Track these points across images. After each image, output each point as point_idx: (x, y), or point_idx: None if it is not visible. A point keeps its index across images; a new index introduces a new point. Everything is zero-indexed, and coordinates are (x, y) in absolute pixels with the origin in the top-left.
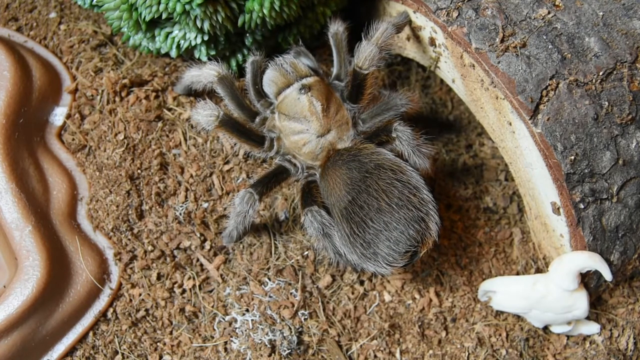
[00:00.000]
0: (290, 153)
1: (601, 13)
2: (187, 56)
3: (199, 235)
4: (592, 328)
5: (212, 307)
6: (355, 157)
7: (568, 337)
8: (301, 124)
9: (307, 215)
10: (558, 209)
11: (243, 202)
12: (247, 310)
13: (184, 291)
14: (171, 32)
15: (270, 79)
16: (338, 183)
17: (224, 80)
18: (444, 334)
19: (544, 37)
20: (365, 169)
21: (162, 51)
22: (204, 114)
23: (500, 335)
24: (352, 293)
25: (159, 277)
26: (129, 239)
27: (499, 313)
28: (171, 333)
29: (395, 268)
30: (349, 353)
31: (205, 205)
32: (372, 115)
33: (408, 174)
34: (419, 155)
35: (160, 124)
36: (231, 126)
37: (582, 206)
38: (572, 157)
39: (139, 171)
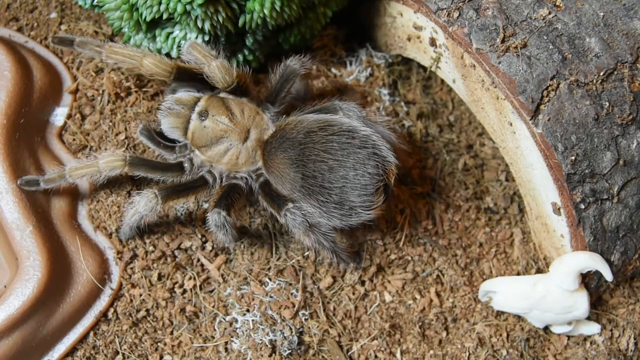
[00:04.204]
0: (231, 172)
1: (602, 13)
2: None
3: (200, 236)
4: (592, 328)
5: (213, 307)
6: (283, 138)
7: (569, 337)
8: (222, 143)
9: (287, 216)
10: (559, 209)
11: (218, 222)
12: (248, 311)
13: (184, 291)
14: (172, 33)
15: (170, 127)
16: (284, 170)
17: (134, 162)
18: (444, 334)
19: (545, 38)
20: (297, 142)
21: (163, 51)
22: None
23: (500, 335)
24: (353, 293)
25: (159, 277)
26: (130, 239)
27: (499, 313)
28: (172, 333)
29: (377, 209)
30: (349, 353)
31: (205, 205)
32: (276, 93)
33: (336, 123)
34: (371, 125)
35: None
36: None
37: (582, 206)
38: (573, 158)
39: None
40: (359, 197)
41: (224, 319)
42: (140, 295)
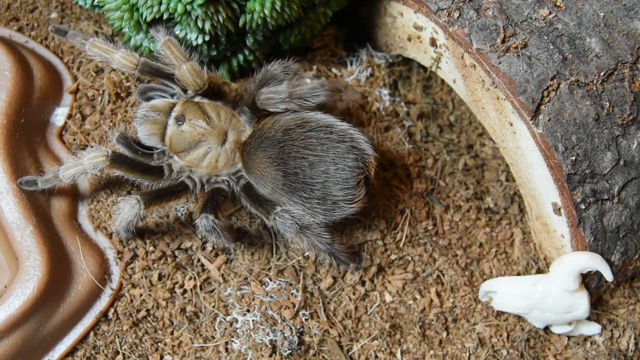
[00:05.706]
0: (211, 176)
1: (602, 14)
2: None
3: (200, 236)
4: (592, 328)
5: (213, 307)
6: (262, 138)
7: (569, 337)
8: (201, 147)
9: (276, 219)
10: (559, 209)
11: (208, 227)
12: (248, 311)
13: (185, 291)
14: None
15: (147, 134)
16: (264, 169)
17: (116, 159)
18: (444, 334)
19: (545, 38)
20: (276, 140)
21: None
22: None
23: (501, 335)
24: (353, 294)
25: (160, 277)
26: (130, 240)
27: (499, 313)
28: (172, 333)
29: (360, 202)
30: (349, 353)
31: None
32: (254, 97)
33: (314, 120)
34: (295, 89)
35: None
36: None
37: (583, 207)
38: (573, 158)
39: None
40: (340, 190)
41: (224, 319)
42: (141, 295)
